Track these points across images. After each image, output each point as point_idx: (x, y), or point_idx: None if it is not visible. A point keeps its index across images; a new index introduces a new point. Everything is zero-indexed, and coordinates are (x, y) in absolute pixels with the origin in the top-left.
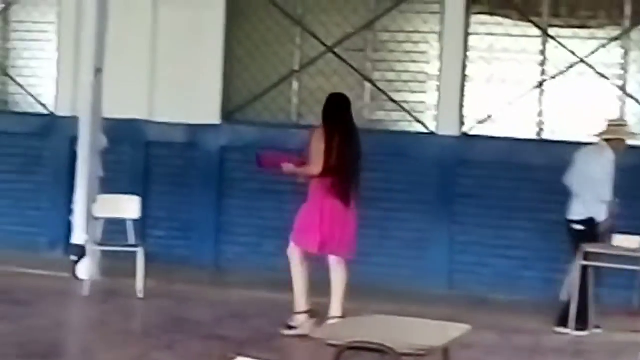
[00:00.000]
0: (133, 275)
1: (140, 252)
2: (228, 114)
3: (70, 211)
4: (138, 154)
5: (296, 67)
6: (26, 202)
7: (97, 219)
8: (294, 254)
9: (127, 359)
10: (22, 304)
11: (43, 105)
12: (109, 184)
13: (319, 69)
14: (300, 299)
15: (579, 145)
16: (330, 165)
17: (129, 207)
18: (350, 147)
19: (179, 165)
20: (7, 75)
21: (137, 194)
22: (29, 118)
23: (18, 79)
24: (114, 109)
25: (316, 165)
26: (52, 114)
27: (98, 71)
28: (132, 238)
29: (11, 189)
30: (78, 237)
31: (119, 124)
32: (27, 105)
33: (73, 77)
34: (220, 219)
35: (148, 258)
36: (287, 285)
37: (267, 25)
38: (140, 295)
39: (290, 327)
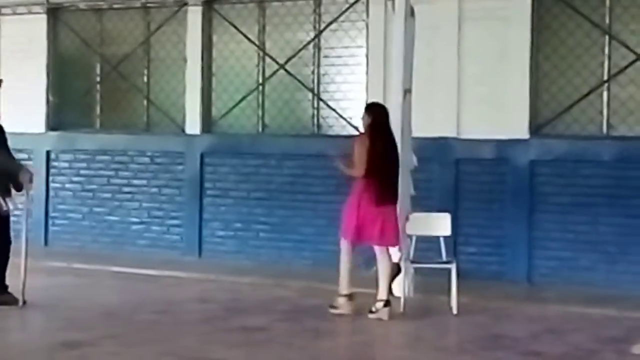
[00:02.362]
0: (446, 291)
1: (453, 269)
2: (536, 127)
3: None
4: (447, 172)
5: (605, 77)
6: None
7: (410, 236)
8: (342, 244)
9: None
10: (343, 321)
11: (355, 127)
12: (420, 202)
13: (629, 77)
14: (343, 283)
15: None
16: (371, 169)
17: (440, 224)
18: (389, 153)
19: (489, 181)
20: (320, 99)
21: (448, 211)
22: (341, 140)
23: (330, 103)
24: (423, 128)
25: (359, 169)
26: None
27: (407, 92)
28: (444, 255)
29: (328, 209)
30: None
31: (428, 143)
32: (340, 127)
33: (382, 99)
34: (532, 234)
35: (460, 274)
36: (605, 300)
37: (574, 36)
38: (455, 311)
39: (333, 307)
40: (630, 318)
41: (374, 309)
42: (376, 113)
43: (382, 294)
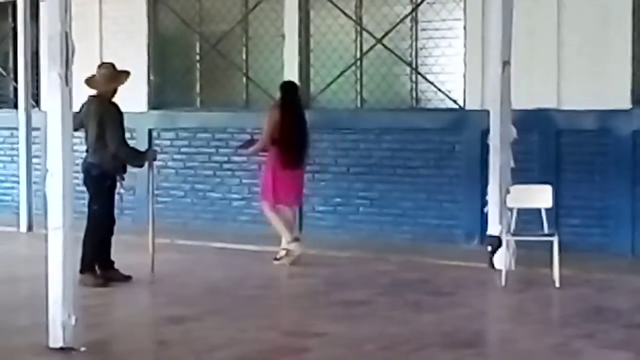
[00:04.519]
0: (548, 264)
1: (555, 241)
2: (639, 98)
3: (484, 203)
4: (548, 143)
5: None
6: (442, 195)
7: (510, 209)
8: (264, 206)
9: (547, 347)
10: (444, 294)
11: (453, 100)
12: (521, 174)
13: None
14: (285, 233)
15: None
16: (281, 138)
17: (541, 196)
18: (296, 124)
19: (590, 152)
20: (418, 73)
21: (549, 183)
22: (440, 113)
23: (428, 76)
24: (523, 100)
25: (266, 138)
26: (462, 109)
27: (506, 64)
28: (546, 227)
29: (427, 183)
30: (493, 227)
31: (528, 115)
32: (438, 101)
33: (481, 72)
34: (636, 205)
35: (562, 247)
36: None
37: None
38: (557, 284)
39: (278, 259)
40: None
41: (278, 257)
42: (285, 90)
43: (285, 243)
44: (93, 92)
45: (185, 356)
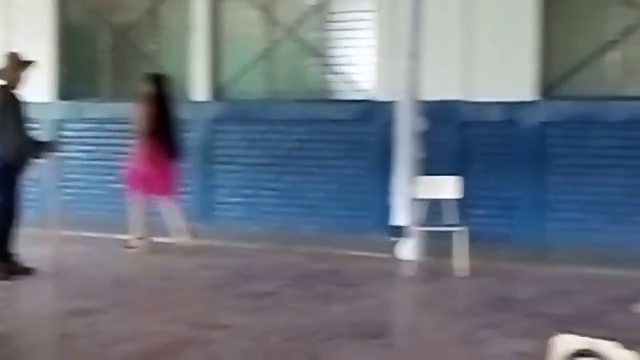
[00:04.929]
0: (456, 255)
1: (461, 232)
2: (546, 89)
3: (389, 194)
4: (457, 135)
5: (616, 37)
6: (351, 186)
7: (418, 200)
8: (131, 196)
9: (453, 337)
10: (352, 285)
11: (363, 91)
12: (430, 165)
13: (638, 37)
14: (137, 227)
15: None
16: (149, 130)
17: (449, 187)
18: (164, 116)
19: (498, 143)
20: (328, 64)
21: (457, 174)
22: (350, 105)
23: (339, 68)
24: (432, 91)
25: (139, 129)
26: (372, 100)
27: (415, 55)
28: (453, 218)
29: (337, 174)
30: (398, 218)
31: (437, 106)
32: (348, 92)
33: (391, 63)
34: (542, 196)
35: (470, 237)
36: (613, 261)
37: None
38: (463, 274)
39: (131, 247)
40: (638, 278)
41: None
42: (152, 82)
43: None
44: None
45: (90, 349)
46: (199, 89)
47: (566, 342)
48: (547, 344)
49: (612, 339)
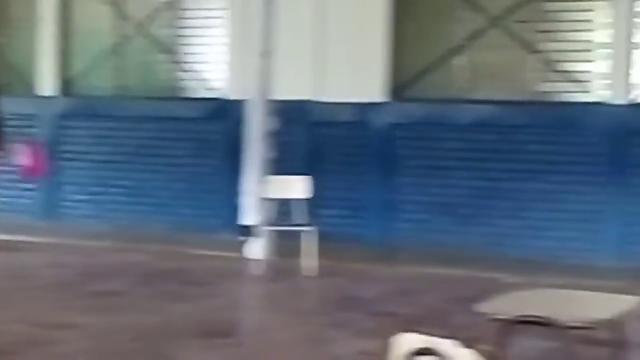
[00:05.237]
0: (305, 254)
1: (310, 231)
2: (396, 91)
3: (238, 193)
4: (307, 135)
5: (463, 41)
6: (201, 184)
7: (268, 199)
8: None
9: (300, 336)
10: (199, 284)
11: (214, 89)
12: (281, 165)
13: (485, 42)
14: None
15: None
16: None
17: (299, 187)
18: None
19: (348, 144)
20: (179, 61)
21: (308, 174)
22: (201, 102)
23: (190, 65)
24: (283, 91)
25: None
26: (222, 98)
27: (267, 54)
28: (302, 218)
29: (186, 173)
30: (247, 218)
31: (288, 105)
32: (200, 90)
33: (242, 61)
34: (390, 197)
35: (319, 237)
36: (458, 261)
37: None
38: (312, 274)
39: None
40: (482, 278)
41: None
42: None
43: None
44: None
45: None
46: (46, 83)
47: (407, 341)
48: (391, 343)
49: (453, 338)
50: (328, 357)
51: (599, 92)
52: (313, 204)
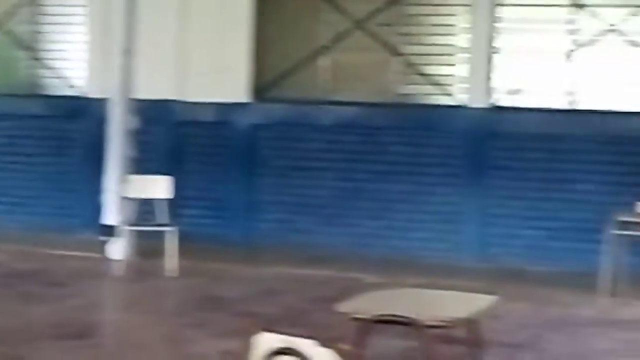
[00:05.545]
0: (165, 255)
1: (172, 232)
2: (258, 91)
3: (99, 192)
4: (170, 134)
5: (326, 43)
6: (59, 184)
7: (129, 199)
8: None
9: (159, 337)
10: (57, 285)
11: (74, 87)
12: (142, 165)
13: (348, 44)
14: None
15: (611, 114)
16: None
17: (160, 186)
18: None
19: (211, 144)
20: (38, 58)
21: (170, 174)
22: (60, 100)
23: (50, 62)
24: (145, 90)
25: None
26: (83, 97)
27: (128, 52)
28: (164, 217)
29: (44, 172)
30: (108, 217)
31: (151, 105)
32: (59, 88)
33: (104, 59)
34: (252, 197)
35: (181, 237)
36: (321, 261)
37: (296, 1)
38: (173, 274)
39: None
40: (344, 278)
41: None
42: None
43: None
44: None
45: None
46: None
47: (267, 341)
48: (251, 343)
49: (313, 338)
50: (188, 358)
51: (460, 95)
52: (175, 204)
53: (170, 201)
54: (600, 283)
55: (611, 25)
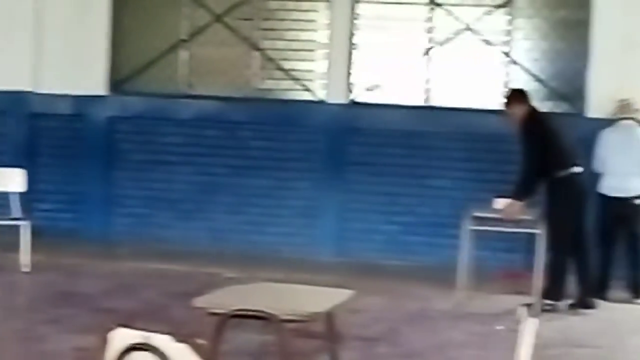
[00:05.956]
0: (19, 249)
1: (25, 226)
2: (115, 84)
3: None
4: (23, 126)
5: (185, 37)
6: None
7: None
8: None
9: (12, 333)
10: None
11: None
12: None
13: (207, 38)
14: None
15: (466, 111)
16: None
17: (13, 180)
18: None
19: (66, 137)
20: None
21: (24, 167)
22: None
23: None
24: None
25: None
26: None
27: None
28: (16, 211)
29: None
30: None
31: (4, 96)
32: None
33: None
34: (109, 191)
35: (35, 232)
36: (180, 256)
37: None
38: (26, 269)
39: None
40: (203, 273)
41: None
42: None
43: None
44: None
45: None
46: None
47: (123, 337)
48: (106, 339)
49: (170, 333)
50: (40, 355)
51: (319, 91)
52: (29, 198)
53: (24, 195)
54: (457, 277)
55: (467, 24)
